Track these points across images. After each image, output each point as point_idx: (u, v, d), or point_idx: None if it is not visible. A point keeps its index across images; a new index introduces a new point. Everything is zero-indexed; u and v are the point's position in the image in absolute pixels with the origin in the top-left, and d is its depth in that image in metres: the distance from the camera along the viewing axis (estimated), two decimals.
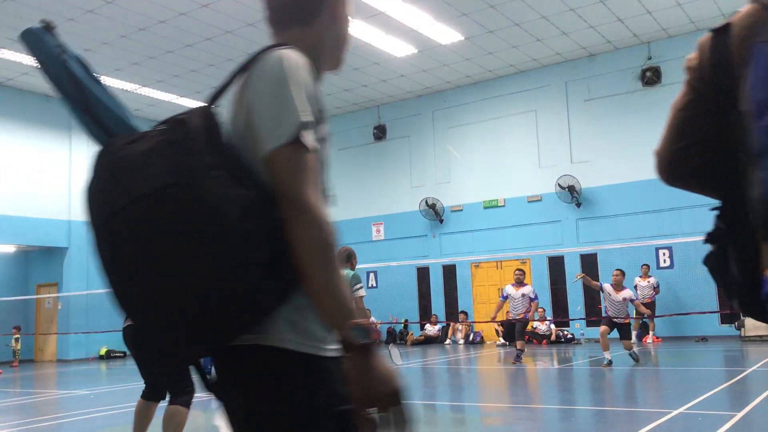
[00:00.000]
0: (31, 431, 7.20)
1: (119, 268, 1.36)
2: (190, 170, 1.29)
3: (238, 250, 1.28)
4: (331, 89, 19.82)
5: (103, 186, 1.38)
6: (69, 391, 11.17)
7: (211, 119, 1.40)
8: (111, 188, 1.35)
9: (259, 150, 1.38)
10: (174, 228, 1.28)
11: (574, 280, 13.93)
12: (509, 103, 19.48)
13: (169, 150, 1.32)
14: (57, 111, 19.59)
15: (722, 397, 7.52)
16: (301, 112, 1.37)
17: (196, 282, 1.28)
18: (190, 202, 1.27)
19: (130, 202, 1.30)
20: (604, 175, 17.87)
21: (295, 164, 1.35)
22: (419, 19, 15.15)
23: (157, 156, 1.31)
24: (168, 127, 1.37)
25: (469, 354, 15.59)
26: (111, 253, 1.36)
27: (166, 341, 1.42)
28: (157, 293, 1.31)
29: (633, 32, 16.70)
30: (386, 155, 21.65)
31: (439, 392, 9.75)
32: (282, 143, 1.35)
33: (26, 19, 14.94)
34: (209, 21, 14.73)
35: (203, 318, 1.31)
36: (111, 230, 1.35)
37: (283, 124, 1.36)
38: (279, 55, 1.43)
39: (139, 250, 1.31)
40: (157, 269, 1.30)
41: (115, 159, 1.37)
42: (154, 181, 1.29)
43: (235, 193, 1.29)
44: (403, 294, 20.36)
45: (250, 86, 1.43)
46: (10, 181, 18.40)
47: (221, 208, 1.27)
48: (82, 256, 19.74)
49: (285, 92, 1.38)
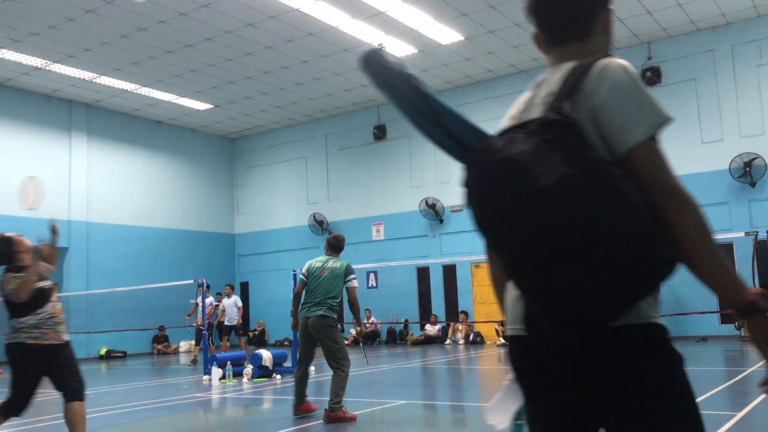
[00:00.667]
0: (31, 431, 7.19)
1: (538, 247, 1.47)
2: (586, 163, 1.45)
3: (653, 228, 1.45)
4: (331, 89, 19.82)
5: (500, 179, 1.51)
6: None
7: (574, 121, 1.54)
8: (511, 180, 1.49)
9: (619, 144, 1.53)
10: (593, 209, 1.42)
11: None
12: (509, 103, 19.18)
13: (554, 147, 1.48)
14: (57, 111, 19.61)
15: (722, 397, 7.52)
16: (663, 110, 1.54)
17: (622, 251, 1.42)
18: (600, 189, 1.43)
19: (539, 191, 1.44)
20: None
21: (659, 155, 1.53)
22: (419, 19, 15.15)
23: (546, 152, 1.47)
24: (539, 129, 1.53)
25: (469, 354, 15.59)
26: (524, 236, 1.48)
27: (577, 311, 1.48)
28: (586, 262, 1.43)
29: (633, 32, 16.70)
30: (386, 155, 21.65)
31: (439, 392, 9.75)
32: (645, 137, 1.52)
33: (26, 19, 15.00)
34: (209, 21, 14.73)
35: (619, 288, 1.44)
36: (518, 216, 1.48)
37: (644, 122, 1.52)
38: (618, 63, 1.63)
39: (561, 231, 1.44)
40: (584, 242, 1.43)
41: (505, 157, 1.51)
42: (555, 172, 1.44)
43: (629, 180, 1.47)
44: (403, 294, 20.36)
45: (594, 92, 1.57)
46: (10, 181, 18.39)
47: (628, 193, 1.44)
48: (82, 256, 19.76)
49: (641, 94, 1.56)
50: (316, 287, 7.08)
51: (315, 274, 7.16)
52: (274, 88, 19.50)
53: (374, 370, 7.62)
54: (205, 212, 23.62)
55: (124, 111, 21.07)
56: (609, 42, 1.84)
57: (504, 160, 1.51)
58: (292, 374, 11.35)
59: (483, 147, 1.60)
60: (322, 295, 7.03)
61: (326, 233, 22.17)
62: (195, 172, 23.49)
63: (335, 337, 7.00)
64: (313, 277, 7.15)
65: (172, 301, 19.74)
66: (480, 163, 1.57)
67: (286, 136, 23.74)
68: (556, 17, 1.80)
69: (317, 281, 7.10)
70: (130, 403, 9.07)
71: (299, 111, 21.88)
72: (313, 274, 7.17)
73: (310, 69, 18.02)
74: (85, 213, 19.88)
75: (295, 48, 16.48)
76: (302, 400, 7.07)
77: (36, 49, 15.99)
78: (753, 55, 16.27)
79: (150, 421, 7.65)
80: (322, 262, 7.25)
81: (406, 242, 20.80)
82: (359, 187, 22.03)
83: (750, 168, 15.73)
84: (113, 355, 19.67)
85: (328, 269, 7.16)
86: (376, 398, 8.53)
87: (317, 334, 6.97)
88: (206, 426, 7.53)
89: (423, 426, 6.81)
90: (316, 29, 15.42)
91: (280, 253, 23.28)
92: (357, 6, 14.35)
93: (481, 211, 1.57)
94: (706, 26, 16.67)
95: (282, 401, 9.03)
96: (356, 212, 21.90)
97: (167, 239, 22.17)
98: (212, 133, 24.00)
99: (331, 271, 7.13)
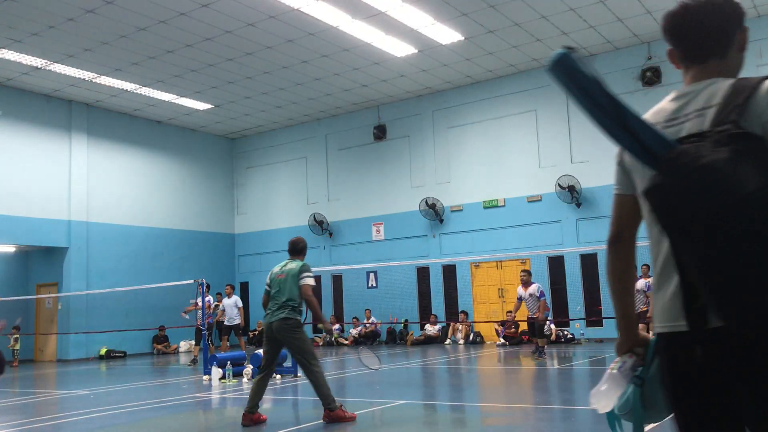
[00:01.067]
0: (31, 431, 7.20)
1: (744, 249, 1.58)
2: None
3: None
4: (331, 89, 19.83)
5: (703, 184, 1.61)
6: (69, 391, 11.18)
7: (757, 134, 1.67)
8: (716, 185, 1.59)
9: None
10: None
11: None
12: (509, 103, 19.49)
13: (746, 157, 1.60)
14: (57, 111, 19.61)
15: None
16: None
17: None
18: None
19: (744, 197, 1.56)
20: (604, 175, 17.85)
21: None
22: (419, 19, 15.15)
23: (742, 161, 1.59)
24: (727, 139, 1.64)
25: (468, 354, 15.60)
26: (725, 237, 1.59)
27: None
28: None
29: (633, 32, 16.71)
30: (386, 155, 21.65)
31: (439, 392, 9.75)
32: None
33: (26, 19, 14.99)
34: (209, 21, 14.73)
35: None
36: (721, 218, 1.59)
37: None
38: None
39: (763, 233, 1.55)
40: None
41: (706, 163, 1.62)
42: (757, 179, 1.57)
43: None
44: (403, 294, 20.36)
45: (765, 110, 1.69)
46: (10, 181, 18.41)
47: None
48: (82, 256, 19.76)
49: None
50: (277, 292, 7.20)
51: (276, 280, 7.30)
52: (274, 88, 19.50)
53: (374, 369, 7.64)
54: (205, 212, 23.62)
55: (124, 111, 21.07)
56: (742, 59, 2.03)
57: (706, 166, 1.62)
58: (292, 374, 11.39)
59: (679, 153, 1.69)
60: (283, 298, 7.11)
61: (326, 233, 22.18)
62: (195, 172, 23.49)
63: (300, 337, 7.04)
64: (275, 283, 7.29)
65: (172, 301, 19.72)
66: (680, 168, 1.67)
67: (286, 136, 23.74)
68: (698, 37, 1.94)
69: (278, 286, 7.22)
70: (130, 403, 9.07)
71: (299, 111, 21.88)
72: (274, 280, 7.32)
73: (310, 69, 18.02)
74: (85, 213, 19.88)
75: (295, 48, 16.48)
76: (254, 408, 6.87)
77: (36, 49, 15.99)
78: (753, 55, 16.27)
79: (150, 421, 7.65)
80: (281, 267, 7.41)
81: (406, 242, 20.80)
82: (359, 187, 22.03)
83: None
84: (113, 355, 19.67)
85: (285, 272, 7.27)
86: (376, 398, 8.54)
87: (282, 336, 7.03)
88: (206, 426, 7.53)
89: (423, 426, 6.81)
90: (316, 29, 15.42)
91: (280, 253, 23.24)
92: (357, 6, 14.35)
93: (679, 212, 1.66)
94: None
95: (282, 401, 9.04)
96: (356, 212, 21.90)
97: (167, 239, 22.18)
98: (212, 133, 24.00)
99: (288, 273, 7.23)
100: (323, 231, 22.10)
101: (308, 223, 22.29)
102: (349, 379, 11.34)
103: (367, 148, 22.04)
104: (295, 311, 7.08)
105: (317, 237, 22.31)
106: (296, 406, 8.74)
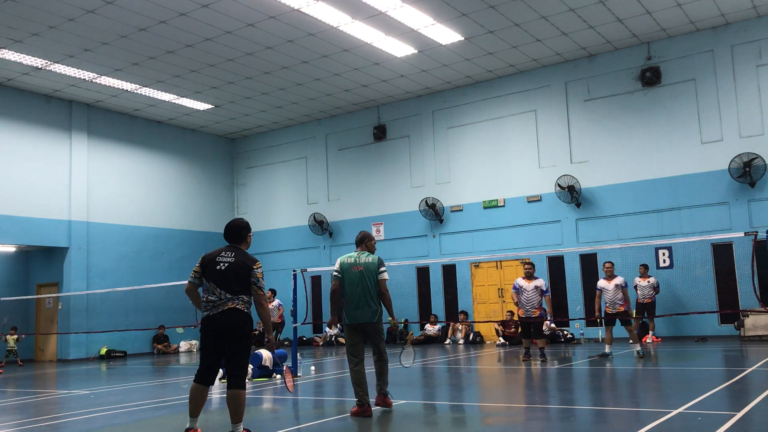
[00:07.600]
0: (31, 431, 7.20)
1: None
2: None
3: None
4: (331, 89, 19.83)
5: None
6: (69, 391, 11.18)
7: None
8: None
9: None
10: None
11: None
12: (509, 103, 19.49)
13: None
14: (57, 111, 19.61)
15: (722, 397, 7.53)
16: None
17: None
18: None
19: None
20: (603, 175, 17.89)
21: None
22: (419, 20, 15.16)
23: None
24: None
25: (468, 354, 15.60)
26: None
27: None
28: None
29: (633, 32, 16.71)
30: (386, 155, 21.66)
31: (439, 392, 9.75)
32: None
33: (26, 19, 15.00)
34: (209, 21, 14.73)
35: None
36: None
37: None
38: None
39: None
40: None
41: None
42: None
43: None
44: (403, 294, 20.36)
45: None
46: (10, 181, 18.41)
47: None
48: (82, 256, 19.76)
49: None
50: (358, 285, 7.46)
51: (352, 272, 7.53)
52: (274, 89, 19.51)
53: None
54: (205, 212, 23.62)
55: (124, 111, 21.07)
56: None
57: None
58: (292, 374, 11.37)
59: None
60: (370, 291, 7.48)
61: (326, 233, 22.18)
62: (195, 172, 23.49)
63: (383, 326, 7.76)
64: (351, 275, 7.53)
65: (172, 301, 19.75)
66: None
67: (286, 136, 23.74)
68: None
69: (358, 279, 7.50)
70: (130, 403, 9.07)
71: (299, 111, 21.89)
72: (350, 272, 7.56)
73: (310, 69, 18.03)
74: (85, 213, 19.88)
75: (295, 48, 16.48)
76: (383, 390, 7.58)
77: (36, 49, 16.00)
78: (752, 55, 16.28)
79: (150, 421, 7.65)
80: (355, 259, 7.64)
81: (406, 242, 20.80)
82: (359, 187, 22.04)
83: (749, 168, 15.74)
84: (113, 355, 19.68)
85: (362, 264, 7.52)
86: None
87: (375, 327, 7.69)
88: (206, 426, 7.54)
89: (423, 426, 6.81)
90: (316, 29, 15.43)
91: (280, 253, 23.28)
92: (357, 6, 14.35)
93: None
94: (705, 26, 16.68)
95: (282, 401, 9.04)
96: (356, 212, 21.91)
97: (167, 239, 22.18)
98: (212, 133, 24.01)
99: (365, 266, 7.53)
100: (323, 231, 22.11)
101: (308, 223, 22.31)
102: (350, 378, 11.31)
103: (367, 148, 22.05)
104: (378, 303, 7.52)
105: (317, 237, 22.32)
106: (296, 406, 8.74)
